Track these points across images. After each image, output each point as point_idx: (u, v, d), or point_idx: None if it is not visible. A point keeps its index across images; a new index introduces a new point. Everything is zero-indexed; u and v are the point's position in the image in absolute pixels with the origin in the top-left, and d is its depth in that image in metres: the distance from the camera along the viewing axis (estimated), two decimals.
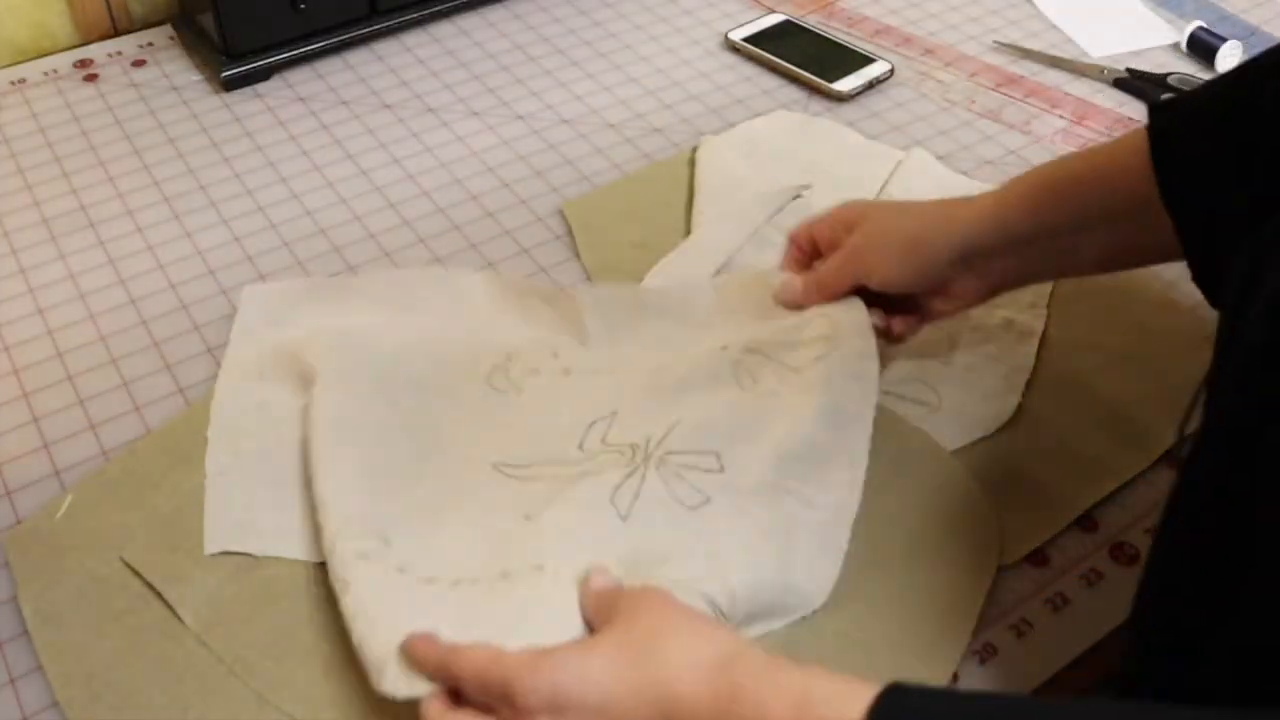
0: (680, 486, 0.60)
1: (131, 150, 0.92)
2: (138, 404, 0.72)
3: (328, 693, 0.57)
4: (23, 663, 0.59)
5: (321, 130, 0.94)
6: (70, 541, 0.63)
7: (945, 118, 0.96)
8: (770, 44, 1.02)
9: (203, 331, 0.77)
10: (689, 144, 0.92)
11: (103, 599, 0.60)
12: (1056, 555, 0.64)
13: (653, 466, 0.61)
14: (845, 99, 0.97)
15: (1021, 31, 1.07)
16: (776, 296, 0.69)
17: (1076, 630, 0.61)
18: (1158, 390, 0.72)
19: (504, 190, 0.88)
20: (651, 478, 0.60)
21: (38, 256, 0.82)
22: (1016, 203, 0.64)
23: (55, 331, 0.76)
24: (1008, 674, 0.59)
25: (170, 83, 0.99)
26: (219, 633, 0.59)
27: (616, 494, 0.60)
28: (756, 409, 0.64)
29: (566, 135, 0.94)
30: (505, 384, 0.69)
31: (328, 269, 0.81)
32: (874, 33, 1.06)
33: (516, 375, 0.69)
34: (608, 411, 0.66)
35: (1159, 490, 0.68)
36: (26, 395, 0.72)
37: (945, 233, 0.64)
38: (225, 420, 0.68)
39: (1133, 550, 0.65)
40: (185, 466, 0.66)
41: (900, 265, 0.65)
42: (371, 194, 0.88)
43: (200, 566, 0.62)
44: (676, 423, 0.63)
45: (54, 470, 0.68)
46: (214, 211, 0.86)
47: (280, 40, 0.98)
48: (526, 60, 1.03)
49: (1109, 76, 1.00)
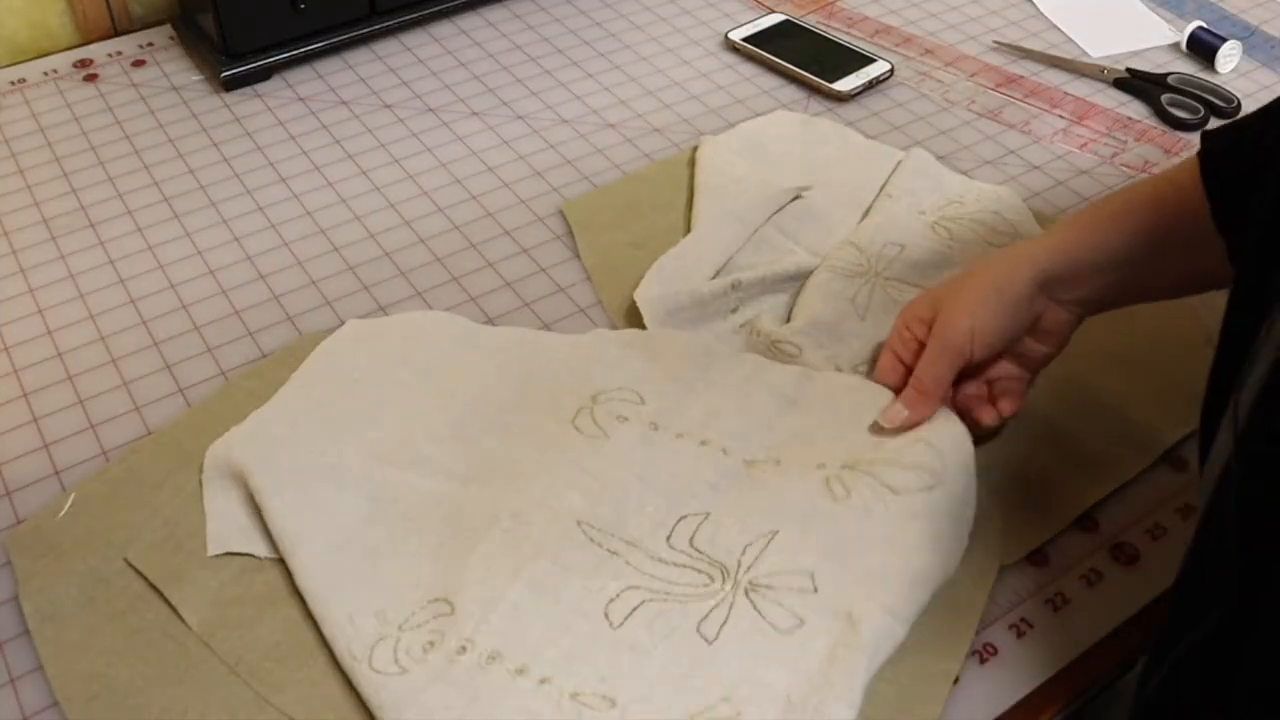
0: (772, 610, 0.58)
1: (131, 150, 0.92)
2: (138, 404, 0.72)
3: (330, 695, 0.57)
4: (23, 663, 0.59)
5: (321, 130, 0.94)
6: (72, 541, 0.63)
7: (945, 118, 0.96)
8: (770, 44, 1.02)
9: (203, 332, 0.77)
10: (689, 144, 0.92)
11: (104, 599, 0.60)
12: (1056, 555, 0.64)
13: (742, 593, 0.58)
14: (845, 99, 0.97)
15: (1021, 31, 1.07)
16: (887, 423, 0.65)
17: (1076, 630, 0.61)
18: (1158, 390, 0.72)
19: (504, 190, 0.89)
20: (741, 603, 0.58)
21: (38, 256, 0.82)
22: (1080, 233, 0.64)
23: (55, 331, 0.76)
24: (1008, 674, 0.59)
25: (170, 83, 0.99)
26: (222, 634, 0.59)
27: (704, 623, 0.57)
28: (853, 529, 0.60)
29: (566, 135, 0.94)
30: (592, 429, 0.67)
31: (327, 269, 0.81)
32: (874, 33, 1.06)
33: (602, 418, 0.67)
34: (700, 509, 0.63)
35: (1159, 490, 0.68)
36: (26, 395, 0.72)
37: (1017, 274, 0.64)
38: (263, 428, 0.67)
39: (1133, 550, 0.65)
40: (188, 468, 0.66)
41: (988, 313, 0.64)
42: (371, 194, 0.88)
43: (204, 567, 0.62)
44: (769, 540, 0.61)
45: (54, 470, 0.68)
46: (214, 211, 0.86)
47: (280, 40, 0.98)
48: (526, 60, 1.03)
49: (1109, 76, 1.00)
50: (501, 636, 0.57)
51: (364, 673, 0.56)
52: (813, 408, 0.68)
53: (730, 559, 0.60)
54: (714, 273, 0.77)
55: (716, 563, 0.60)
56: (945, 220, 0.83)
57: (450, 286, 0.80)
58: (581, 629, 0.57)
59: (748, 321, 0.76)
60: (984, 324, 0.64)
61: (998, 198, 0.85)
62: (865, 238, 0.80)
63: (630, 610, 0.58)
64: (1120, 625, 0.61)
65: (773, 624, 0.57)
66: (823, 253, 0.80)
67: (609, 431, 0.67)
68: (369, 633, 0.57)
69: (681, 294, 0.75)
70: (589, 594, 0.59)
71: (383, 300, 0.79)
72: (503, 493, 0.64)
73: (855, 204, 0.85)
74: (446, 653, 0.56)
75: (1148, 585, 0.63)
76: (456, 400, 0.69)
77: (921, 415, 0.64)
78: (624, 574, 0.60)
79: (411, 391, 0.70)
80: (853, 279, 0.77)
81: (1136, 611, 0.62)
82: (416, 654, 0.56)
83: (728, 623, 0.57)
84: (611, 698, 0.55)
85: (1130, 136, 0.94)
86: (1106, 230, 0.63)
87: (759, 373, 0.70)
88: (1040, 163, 0.91)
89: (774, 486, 0.63)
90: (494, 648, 0.56)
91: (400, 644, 0.57)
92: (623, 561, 0.60)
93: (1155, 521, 0.66)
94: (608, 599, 0.59)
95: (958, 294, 0.65)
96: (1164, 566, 0.64)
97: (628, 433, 0.67)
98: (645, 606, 0.58)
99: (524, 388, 0.70)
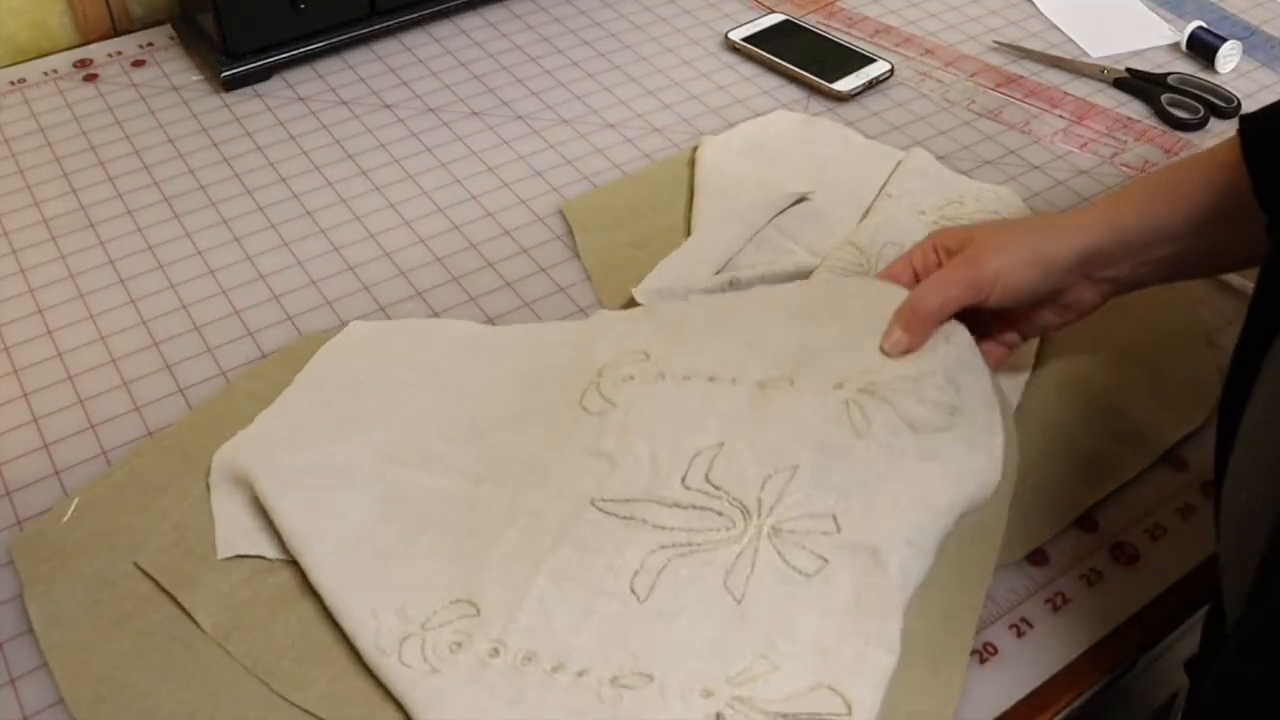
0: (796, 555, 0.57)
1: (131, 150, 0.92)
2: (138, 404, 0.72)
3: (351, 691, 0.56)
4: (23, 663, 0.59)
5: (321, 130, 0.94)
6: (76, 545, 0.63)
7: (945, 118, 0.96)
8: (770, 44, 1.02)
9: (203, 332, 0.77)
10: (689, 144, 0.92)
11: (110, 602, 0.60)
12: (1056, 555, 0.64)
13: (765, 538, 0.58)
14: (845, 99, 0.97)
15: (1021, 31, 1.07)
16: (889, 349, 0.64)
17: (1076, 630, 0.61)
18: (1158, 390, 0.72)
19: (504, 190, 0.89)
20: (765, 549, 0.57)
21: (38, 256, 0.82)
22: (1129, 209, 0.63)
23: (55, 331, 0.76)
24: (1008, 674, 0.59)
25: (170, 83, 0.99)
26: (238, 636, 0.59)
27: (729, 577, 0.57)
28: (873, 466, 0.60)
29: (566, 135, 0.94)
30: (599, 404, 0.66)
31: (327, 269, 0.81)
32: (874, 33, 1.06)
33: (608, 388, 0.67)
34: (712, 441, 0.62)
35: (1159, 490, 0.68)
36: (26, 395, 0.72)
37: (1063, 241, 0.63)
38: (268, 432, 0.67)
39: (1133, 550, 0.65)
40: (192, 471, 0.66)
41: (1022, 265, 0.63)
42: (371, 194, 0.88)
43: (214, 570, 0.61)
44: (789, 478, 0.59)
45: (54, 470, 0.68)
46: (214, 211, 0.86)
47: (280, 40, 0.98)
48: (526, 60, 1.03)
49: (1109, 76, 1.00)
50: (532, 635, 0.56)
51: (394, 666, 0.56)
52: (821, 316, 0.67)
53: (749, 495, 0.59)
54: (714, 273, 0.77)
55: (736, 500, 0.59)
56: (945, 220, 0.83)
57: (450, 286, 0.80)
58: (609, 609, 0.57)
59: None
60: (1014, 274, 0.63)
61: (998, 198, 0.85)
62: (865, 238, 0.80)
63: (655, 577, 0.57)
64: (1120, 625, 0.61)
65: (797, 568, 0.56)
66: (822, 252, 0.80)
67: (616, 399, 0.66)
68: (393, 629, 0.57)
69: (680, 292, 0.75)
70: (612, 572, 0.58)
71: (383, 300, 0.79)
72: (517, 489, 0.63)
73: (855, 204, 0.85)
74: (478, 655, 0.56)
75: (1148, 585, 0.63)
76: (465, 398, 0.69)
77: (919, 342, 0.63)
78: (644, 537, 0.59)
79: (419, 392, 0.70)
80: None
81: (1136, 611, 0.62)
82: (444, 654, 0.56)
83: (753, 575, 0.56)
84: (649, 674, 0.54)
85: (1130, 136, 0.94)
86: (1157, 210, 0.63)
87: (758, 298, 0.70)
88: (1040, 163, 0.91)
89: (790, 410, 0.62)
90: (528, 648, 0.56)
91: (426, 643, 0.57)
92: (640, 523, 0.59)
93: (1155, 521, 0.66)
94: (632, 572, 0.58)
95: (996, 235, 0.64)
96: (1164, 566, 0.64)
97: (634, 390, 0.66)
98: (670, 568, 0.58)
99: (531, 380, 0.70)
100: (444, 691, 0.54)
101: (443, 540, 0.61)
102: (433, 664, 0.56)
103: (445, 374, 0.71)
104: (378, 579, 0.60)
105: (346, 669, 0.57)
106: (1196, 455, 0.70)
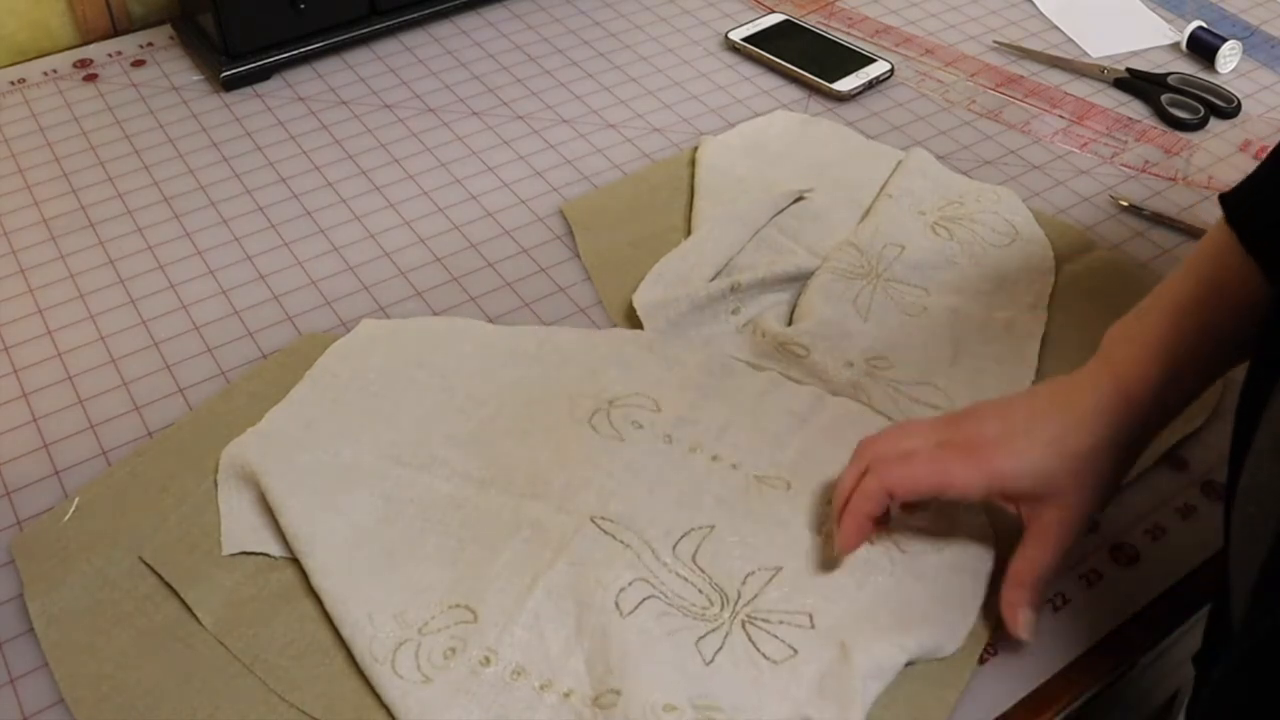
0: (767, 642, 0.58)
1: (131, 150, 0.92)
2: (137, 404, 0.72)
3: (348, 692, 0.57)
4: (24, 662, 0.59)
5: (321, 130, 0.94)
6: (77, 545, 0.63)
7: (945, 118, 0.96)
8: (770, 44, 1.02)
9: (202, 332, 0.77)
10: (689, 144, 0.92)
11: (111, 601, 0.60)
12: None
13: (738, 625, 0.58)
14: (845, 99, 0.97)
15: (1021, 31, 1.07)
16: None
17: (1076, 630, 0.61)
18: None
19: (504, 190, 0.89)
20: (737, 633, 0.58)
21: (38, 256, 0.82)
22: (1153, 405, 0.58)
23: (55, 332, 0.76)
24: (1008, 674, 0.59)
25: (170, 83, 0.99)
26: (237, 632, 0.59)
27: (701, 642, 0.58)
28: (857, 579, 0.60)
29: (566, 135, 0.94)
30: (608, 429, 0.67)
31: (327, 269, 0.81)
32: (874, 33, 1.06)
33: (619, 422, 0.68)
34: (704, 522, 0.63)
35: (1159, 490, 0.68)
36: (26, 395, 0.72)
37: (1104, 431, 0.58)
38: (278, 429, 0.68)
39: (1132, 550, 0.65)
40: (192, 470, 0.66)
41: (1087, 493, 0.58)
42: (371, 194, 0.88)
43: (218, 567, 0.62)
44: (770, 577, 0.60)
45: (54, 470, 0.68)
46: (214, 211, 0.86)
47: (280, 40, 0.98)
48: (526, 60, 1.03)
49: (1109, 76, 1.00)
50: (524, 650, 0.57)
51: (386, 675, 0.56)
52: (824, 431, 0.68)
53: (730, 585, 0.60)
54: (714, 274, 0.77)
55: (717, 586, 0.60)
56: (945, 220, 0.83)
57: (450, 286, 0.80)
58: (596, 625, 0.58)
59: (750, 321, 0.76)
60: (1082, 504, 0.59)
61: (998, 198, 0.85)
62: (865, 238, 0.80)
63: (639, 601, 0.59)
64: (1120, 625, 0.61)
65: (766, 654, 0.57)
66: (823, 253, 0.80)
67: (624, 435, 0.67)
68: (389, 634, 0.58)
69: (680, 300, 0.75)
70: (601, 586, 0.59)
71: (383, 300, 0.79)
72: (521, 498, 0.64)
73: (855, 204, 0.85)
74: (469, 662, 0.57)
75: (1147, 585, 0.63)
76: (473, 403, 0.70)
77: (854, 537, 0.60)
78: (635, 567, 0.60)
79: (428, 393, 0.70)
80: (853, 280, 0.77)
81: (1136, 611, 0.62)
82: (438, 660, 0.57)
83: (723, 649, 0.58)
84: (617, 689, 0.55)
85: (1130, 136, 0.94)
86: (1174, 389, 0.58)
87: (774, 390, 0.71)
88: (1040, 163, 0.91)
89: (782, 513, 0.64)
90: (518, 662, 0.57)
91: (421, 649, 0.57)
92: (634, 555, 0.61)
93: (1155, 522, 0.66)
94: (619, 588, 0.59)
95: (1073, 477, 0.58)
96: (1164, 567, 0.64)
97: (642, 442, 0.67)
98: (651, 601, 0.59)
99: (540, 390, 0.70)
100: (433, 703, 0.55)
101: (445, 545, 0.62)
102: (425, 672, 0.56)
103: (455, 377, 0.71)
104: (379, 581, 0.60)
105: (345, 670, 0.58)
106: (1196, 455, 0.70)
